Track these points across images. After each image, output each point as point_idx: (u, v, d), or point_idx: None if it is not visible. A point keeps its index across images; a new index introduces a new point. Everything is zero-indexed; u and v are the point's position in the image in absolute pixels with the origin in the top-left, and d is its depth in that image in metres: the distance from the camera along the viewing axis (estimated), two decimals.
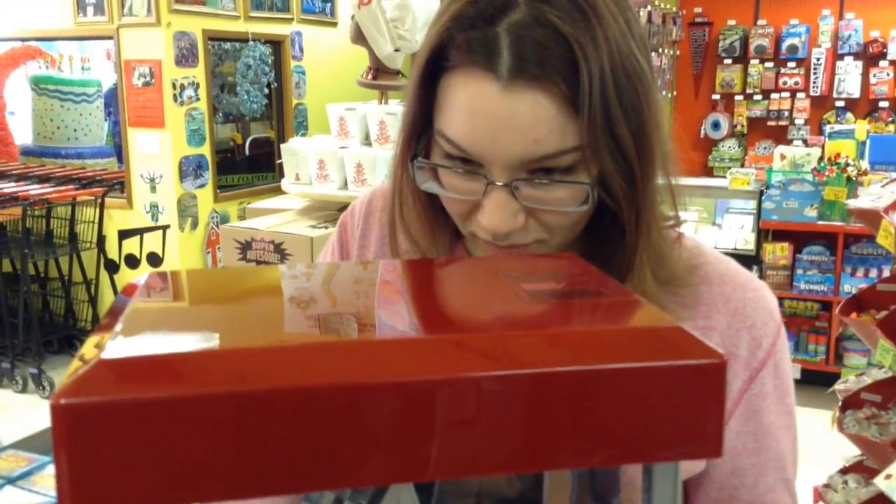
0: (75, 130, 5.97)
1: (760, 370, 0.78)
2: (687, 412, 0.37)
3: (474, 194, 0.71)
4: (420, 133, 0.76)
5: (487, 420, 0.35)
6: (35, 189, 4.86)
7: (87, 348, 0.37)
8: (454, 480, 0.72)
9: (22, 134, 6.32)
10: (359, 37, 2.81)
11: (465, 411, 0.35)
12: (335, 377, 0.35)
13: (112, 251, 4.97)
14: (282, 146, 3.08)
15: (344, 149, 2.88)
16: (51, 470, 0.83)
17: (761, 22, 6.84)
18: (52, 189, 4.89)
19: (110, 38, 4.77)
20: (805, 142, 6.41)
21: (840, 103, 6.66)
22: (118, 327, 0.39)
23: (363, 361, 0.35)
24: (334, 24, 5.93)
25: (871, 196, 2.49)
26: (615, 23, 0.67)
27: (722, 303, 0.78)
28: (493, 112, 0.66)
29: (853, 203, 2.43)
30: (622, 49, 0.66)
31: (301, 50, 5.68)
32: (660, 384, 0.36)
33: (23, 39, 5.73)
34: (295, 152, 2.97)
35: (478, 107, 0.67)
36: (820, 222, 4.38)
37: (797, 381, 0.84)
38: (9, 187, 4.87)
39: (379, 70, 2.88)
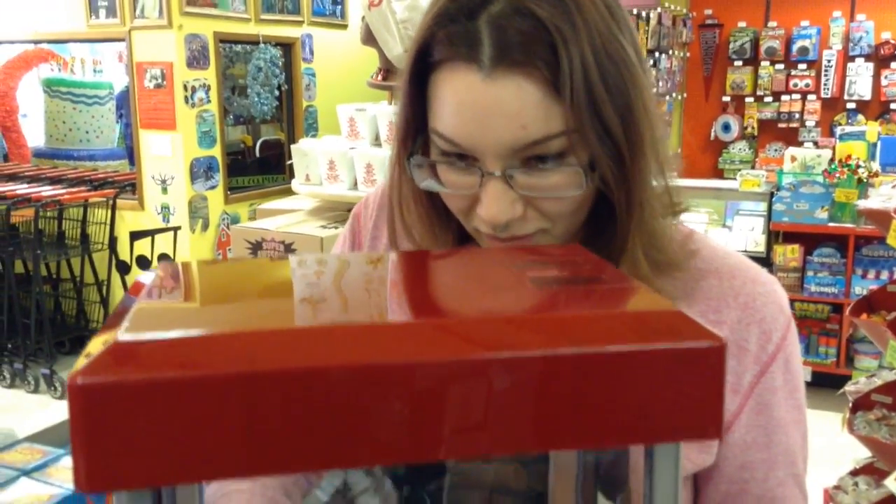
0: (87, 132, 6.01)
1: (770, 364, 0.79)
2: (687, 394, 0.37)
3: (472, 188, 0.72)
4: (415, 133, 0.77)
5: (489, 403, 0.36)
6: (47, 190, 4.89)
7: (95, 344, 0.38)
8: (464, 473, 0.73)
9: (34, 136, 6.37)
10: (369, 38, 2.82)
11: (468, 394, 0.36)
12: (343, 359, 0.35)
13: (124, 252, 5.00)
14: (292, 147, 3.10)
15: (354, 149, 2.90)
16: (65, 462, 0.84)
17: (772, 24, 6.83)
18: (64, 190, 4.92)
19: (122, 40, 4.80)
20: (816, 144, 6.39)
21: (851, 105, 6.64)
22: (130, 314, 0.40)
23: (370, 344, 0.36)
24: (344, 27, 5.95)
25: (882, 197, 2.49)
26: (594, 8, 0.68)
27: (732, 297, 0.78)
28: (480, 101, 0.68)
29: (863, 204, 2.43)
30: (603, 33, 0.68)
31: (311, 52, 5.70)
32: (660, 367, 0.37)
33: (35, 42, 5.77)
34: (305, 153, 2.98)
35: (464, 98, 0.69)
36: (831, 224, 4.36)
37: (807, 384, 0.84)
38: (21, 189, 4.91)
39: (389, 71, 2.89)
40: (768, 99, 6.88)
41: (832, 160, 4.48)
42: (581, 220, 0.76)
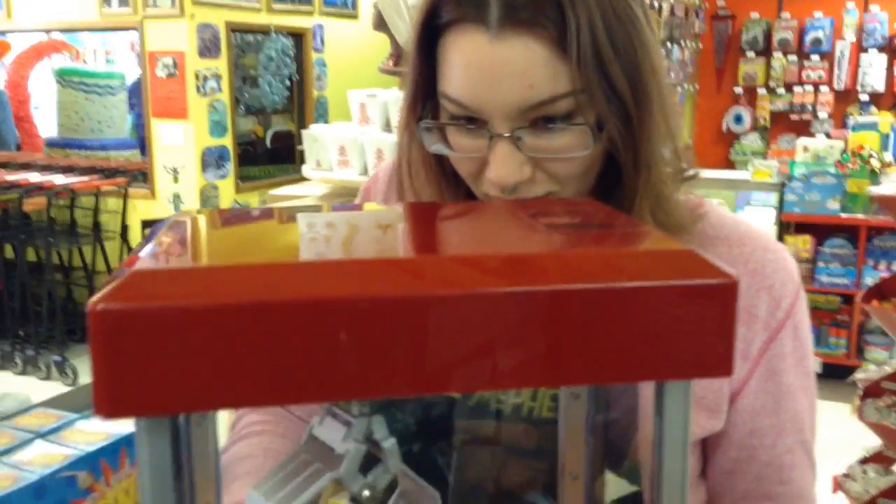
0: (99, 122, 6.02)
1: (780, 331, 0.79)
2: (699, 331, 0.38)
3: (481, 151, 0.72)
4: (424, 97, 0.77)
5: (503, 336, 0.36)
6: (59, 179, 4.92)
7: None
8: (474, 432, 0.73)
9: (47, 126, 6.40)
10: (380, 24, 2.83)
11: (481, 328, 0.36)
12: (356, 291, 0.36)
13: (135, 241, 5.02)
14: (303, 132, 3.11)
15: (364, 135, 2.90)
16: (80, 426, 0.85)
17: (785, 15, 6.79)
18: (76, 179, 4.94)
19: (135, 29, 4.82)
20: (828, 136, 6.35)
21: (864, 97, 6.60)
22: (144, 252, 0.41)
23: (382, 277, 0.37)
24: (355, 17, 5.96)
25: (895, 183, 2.48)
26: None
27: (742, 263, 0.78)
28: (487, 62, 0.68)
29: (876, 190, 2.42)
30: None
31: (322, 42, 5.71)
32: (672, 303, 0.37)
33: (48, 31, 5.80)
34: (316, 138, 2.99)
35: (472, 59, 0.69)
36: (842, 215, 4.34)
37: (818, 375, 0.84)
38: (34, 177, 4.93)
39: (400, 57, 2.89)
40: (781, 90, 6.85)
41: (844, 151, 4.45)
42: (590, 183, 0.76)
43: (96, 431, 0.82)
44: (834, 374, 4.20)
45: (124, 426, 0.83)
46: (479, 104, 0.70)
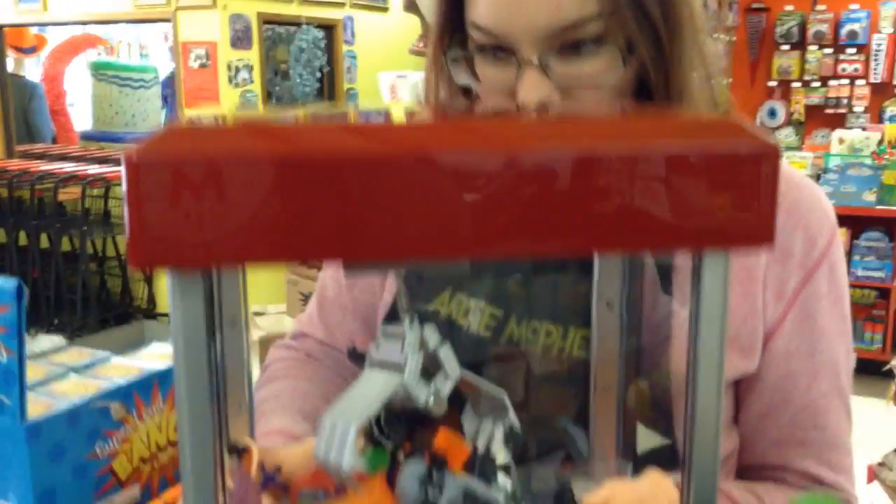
0: (133, 116, 6.11)
1: (815, 270, 0.77)
2: (739, 200, 0.37)
3: (509, 81, 0.72)
4: (451, 31, 0.77)
5: (541, 197, 0.36)
6: (94, 169, 4.98)
7: None
8: (505, 364, 0.73)
9: (82, 120, 6.49)
10: (411, 5, 2.83)
11: (518, 188, 0.36)
12: (388, 149, 0.35)
13: None
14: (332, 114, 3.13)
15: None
16: (115, 362, 0.85)
17: (820, 7, 6.69)
18: (110, 169, 5.00)
19: (168, 20, 4.87)
20: (864, 130, 6.26)
21: None
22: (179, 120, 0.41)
23: (412, 138, 0.36)
24: (385, 10, 5.97)
25: None
26: None
27: None
28: None
29: None
30: None
31: (353, 35, 5.73)
32: (714, 169, 0.37)
33: (83, 23, 5.87)
34: None
35: None
36: (878, 207, 4.28)
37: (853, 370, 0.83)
38: (69, 167, 5.00)
39: None
40: (816, 84, 6.75)
41: (881, 142, 4.39)
42: None
43: (130, 367, 0.83)
44: (869, 370, 4.13)
45: (158, 363, 0.84)
46: (505, 28, 0.69)
